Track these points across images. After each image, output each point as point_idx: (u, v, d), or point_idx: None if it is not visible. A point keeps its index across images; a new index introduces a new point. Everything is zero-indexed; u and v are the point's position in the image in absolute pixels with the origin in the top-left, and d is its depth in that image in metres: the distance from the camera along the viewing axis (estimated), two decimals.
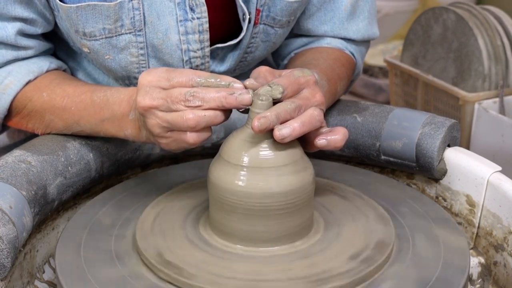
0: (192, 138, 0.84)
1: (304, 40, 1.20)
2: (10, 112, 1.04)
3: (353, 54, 1.19)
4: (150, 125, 0.86)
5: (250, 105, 0.83)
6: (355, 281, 0.79)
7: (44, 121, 1.01)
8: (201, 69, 1.10)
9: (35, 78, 1.03)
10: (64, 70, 1.10)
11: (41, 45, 1.07)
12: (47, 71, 1.05)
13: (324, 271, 0.80)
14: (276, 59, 1.26)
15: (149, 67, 1.08)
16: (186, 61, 1.08)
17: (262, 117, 0.80)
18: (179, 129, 0.84)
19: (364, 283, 0.80)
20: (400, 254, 0.85)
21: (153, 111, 0.84)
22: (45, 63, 1.06)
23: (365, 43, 1.23)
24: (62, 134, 1.01)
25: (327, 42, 1.18)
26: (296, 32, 1.20)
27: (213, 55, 1.11)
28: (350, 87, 1.24)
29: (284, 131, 0.81)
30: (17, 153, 0.93)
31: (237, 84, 0.83)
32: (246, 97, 0.82)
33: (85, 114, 0.97)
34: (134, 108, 0.91)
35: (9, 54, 1.03)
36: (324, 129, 0.87)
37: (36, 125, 1.03)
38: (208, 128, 0.85)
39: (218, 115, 0.83)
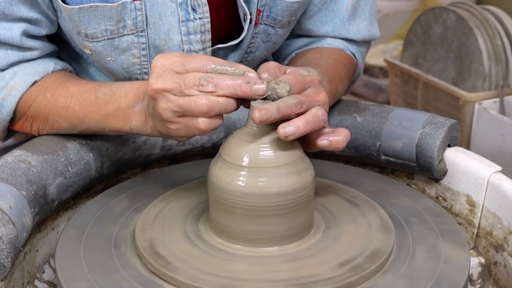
0: (204, 124, 0.82)
1: (305, 40, 1.20)
2: (15, 114, 1.04)
3: (354, 55, 1.19)
4: (160, 109, 0.84)
5: (264, 95, 0.82)
6: None
7: (49, 122, 1.01)
8: None
9: (40, 79, 1.03)
10: (70, 72, 1.10)
11: (46, 46, 1.07)
12: (53, 72, 1.05)
13: (308, 276, 0.79)
14: (277, 59, 1.26)
15: (150, 69, 1.07)
16: None
17: (262, 109, 0.80)
18: (191, 114, 0.82)
19: None
20: (394, 265, 0.83)
21: (165, 94, 0.83)
22: (51, 64, 1.06)
23: (366, 43, 1.23)
24: (62, 134, 1.00)
25: (328, 43, 1.18)
26: (297, 32, 1.20)
27: (214, 55, 1.11)
28: (351, 87, 1.24)
29: (288, 129, 0.81)
30: (17, 153, 0.93)
31: (252, 73, 0.82)
32: (261, 87, 0.82)
33: (89, 111, 0.96)
34: (141, 99, 0.90)
35: (15, 55, 1.03)
36: (327, 129, 0.86)
37: (40, 126, 1.02)
38: (220, 116, 0.83)
39: (231, 103, 0.82)
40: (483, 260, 0.97)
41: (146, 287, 0.80)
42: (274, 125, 0.85)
